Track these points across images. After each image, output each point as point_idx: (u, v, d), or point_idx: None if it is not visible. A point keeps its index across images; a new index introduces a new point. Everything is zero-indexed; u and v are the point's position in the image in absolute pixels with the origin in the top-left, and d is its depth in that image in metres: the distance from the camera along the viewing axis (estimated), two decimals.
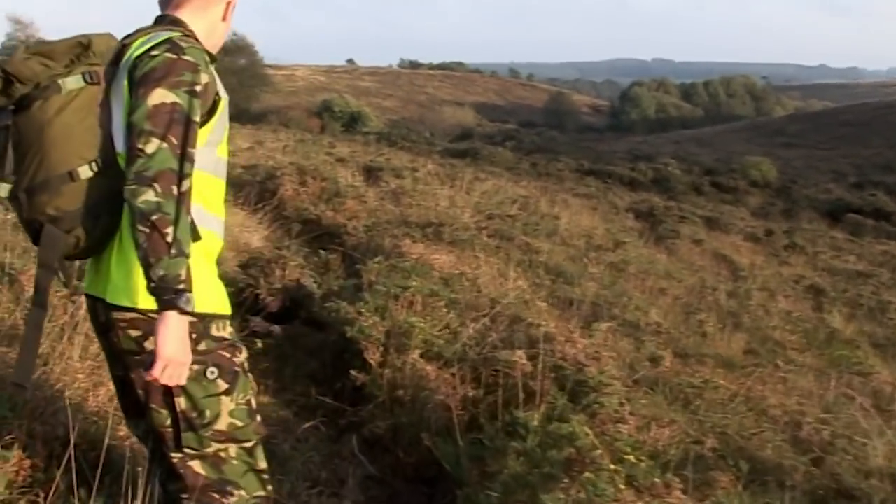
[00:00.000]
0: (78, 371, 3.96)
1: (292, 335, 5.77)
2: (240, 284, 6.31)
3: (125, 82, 2.29)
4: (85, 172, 2.31)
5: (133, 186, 2.16)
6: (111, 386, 3.93)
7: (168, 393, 2.34)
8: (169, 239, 2.14)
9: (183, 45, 2.29)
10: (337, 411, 4.71)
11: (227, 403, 2.40)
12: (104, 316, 2.40)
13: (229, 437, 2.43)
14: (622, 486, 3.23)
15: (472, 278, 6.89)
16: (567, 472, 3.59)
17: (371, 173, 14.57)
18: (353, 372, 4.60)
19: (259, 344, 5.49)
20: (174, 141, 2.19)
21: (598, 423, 4.14)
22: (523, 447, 3.77)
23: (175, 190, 2.17)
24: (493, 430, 4.05)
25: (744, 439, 4.79)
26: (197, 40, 2.38)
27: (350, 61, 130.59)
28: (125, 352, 2.40)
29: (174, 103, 2.21)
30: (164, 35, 2.31)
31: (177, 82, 2.23)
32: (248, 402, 2.47)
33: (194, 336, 2.29)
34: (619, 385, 4.56)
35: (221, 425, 2.40)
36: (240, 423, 2.43)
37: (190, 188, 2.22)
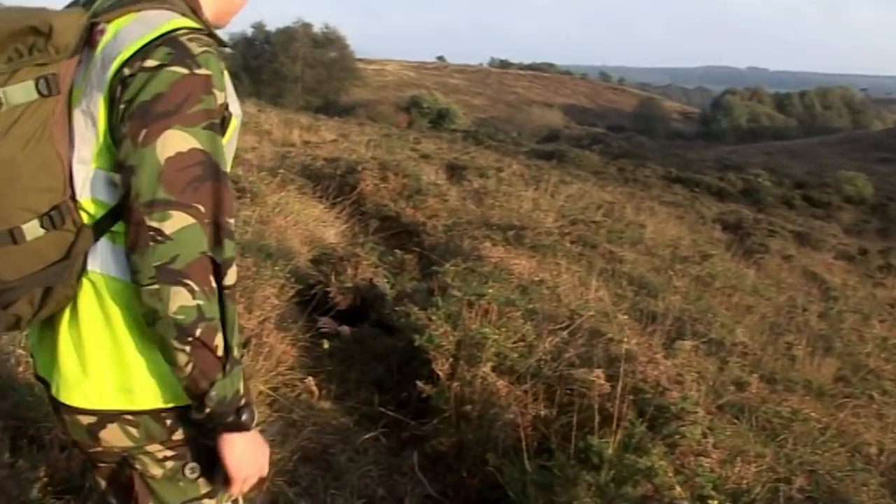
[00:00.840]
0: None
1: (360, 337, 5.58)
2: (310, 281, 6.15)
3: (102, 96, 1.58)
4: (33, 231, 1.57)
5: (156, 287, 1.53)
6: None
7: (133, 498, 1.75)
8: (220, 353, 1.58)
9: (192, 47, 1.58)
10: (399, 423, 4.50)
11: None
12: (48, 394, 1.76)
13: None
14: None
15: (552, 286, 6.64)
16: None
17: (455, 171, 14.37)
18: (419, 383, 4.38)
19: (326, 345, 5.32)
20: (202, 209, 1.55)
21: (678, 455, 3.86)
22: (596, 480, 3.50)
23: (214, 282, 1.58)
24: (564, 456, 3.78)
25: (836, 480, 4.44)
26: (200, 18, 1.70)
27: (440, 58, 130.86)
28: (76, 443, 1.77)
29: (195, 151, 1.55)
30: (162, 25, 1.59)
31: (193, 116, 1.55)
32: (233, 502, 1.84)
33: (168, 423, 1.70)
34: (702, 413, 4.27)
35: None
36: None
37: (236, 280, 1.63)
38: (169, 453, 1.71)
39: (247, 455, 1.69)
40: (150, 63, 1.54)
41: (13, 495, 2.58)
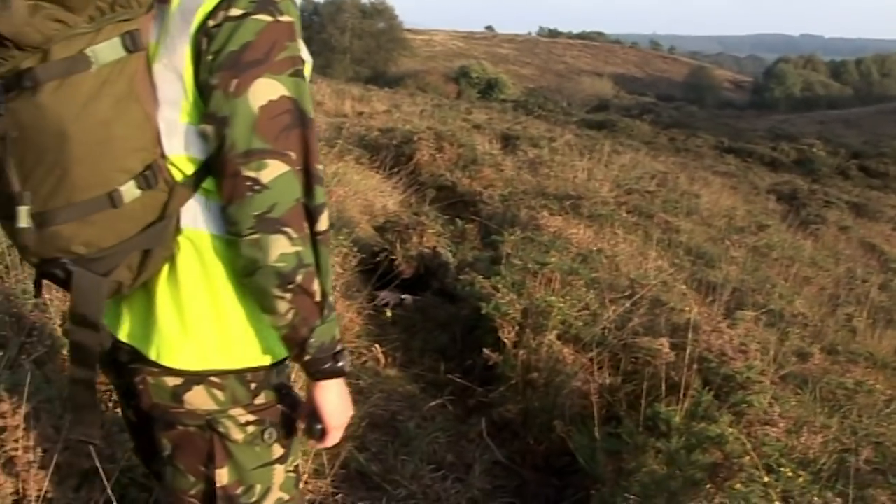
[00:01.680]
0: None
1: (422, 306, 5.63)
2: (374, 249, 6.21)
3: (187, 49, 1.54)
4: (130, 193, 1.53)
5: (256, 237, 1.53)
6: None
7: (210, 460, 1.73)
8: (318, 297, 1.59)
9: None
10: (465, 390, 4.55)
11: (279, 474, 1.80)
12: (127, 357, 1.71)
13: None
14: (777, 503, 2.95)
15: (611, 256, 6.63)
16: (712, 478, 3.33)
17: (508, 141, 14.34)
18: (485, 350, 4.42)
19: (388, 314, 5.38)
20: (293, 156, 1.55)
21: (744, 423, 3.86)
22: (666, 446, 3.52)
23: (307, 228, 1.58)
24: (632, 424, 3.81)
25: None
26: None
27: (489, 28, 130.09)
28: (153, 405, 1.72)
29: (284, 98, 1.53)
30: None
31: (281, 64, 1.54)
32: (297, 468, 1.88)
33: (252, 386, 1.71)
34: (767, 382, 4.27)
35: (269, 502, 1.80)
36: (287, 497, 1.82)
37: (328, 225, 1.64)
38: (251, 418, 1.72)
39: (341, 402, 1.73)
40: (234, 12, 1.51)
41: (105, 455, 2.65)
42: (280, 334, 1.64)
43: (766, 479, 3.12)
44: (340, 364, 1.67)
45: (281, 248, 1.53)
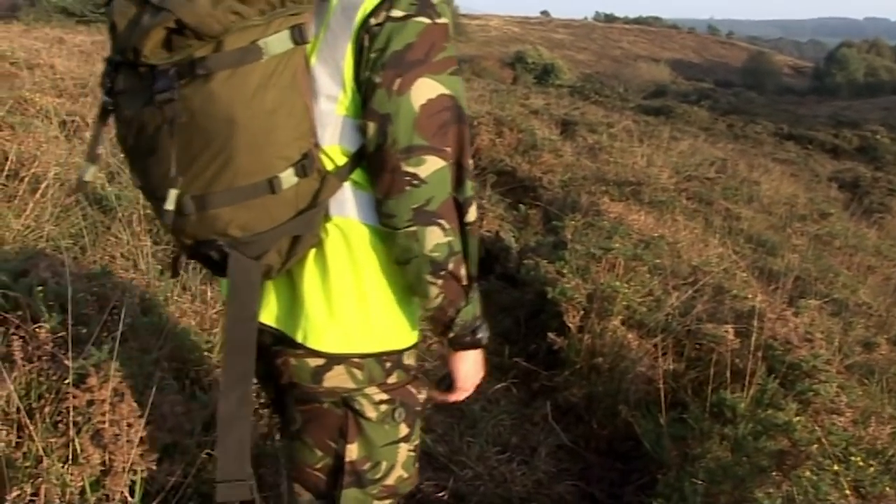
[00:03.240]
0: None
1: (485, 290, 5.65)
2: None
3: (349, 45, 1.61)
4: (288, 179, 1.60)
5: (413, 229, 1.62)
6: None
7: (341, 436, 1.84)
8: (465, 282, 1.71)
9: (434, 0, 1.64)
10: (530, 374, 4.58)
11: (403, 452, 1.89)
12: (271, 340, 1.79)
13: (393, 492, 1.92)
14: (847, 492, 2.94)
15: (672, 242, 6.60)
16: (779, 465, 3.33)
17: (566, 127, 14.27)
18: (550, 335, 4.44)
19: None
20: (449, 151, 1.63)
21: (811, 412, 3.85)
22: (732, 433, 3.52)
23: (458, 220, 1.68)
24: (697, 409, 3.81)
25: None
26: None
27: (544, 13, 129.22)
28: (293, 384, 1.83)
29: (443, 97, 1.61)
30: None
31: (440, 64, 1.62)
32: (417, 448, 1.96)
33: (387, 366, 1.80)
34: (833, 372, 4.24)
35: (391, 479, 1.89)
36: (406, 475, 1.92)
37: (475, 217, 1.72)
38: (384, 396, 1.81)
39: (474, 368, 1.87)
40: (396, 13, 1.59)
41: (185, 430, 2.73)
42: (427, 314, 1.76)
43: (836, 467, 3.11)
44: (479, 336, 1.80)
45: (435, 238, 1.64)
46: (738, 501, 3.20)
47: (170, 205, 1.58)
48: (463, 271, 1.71)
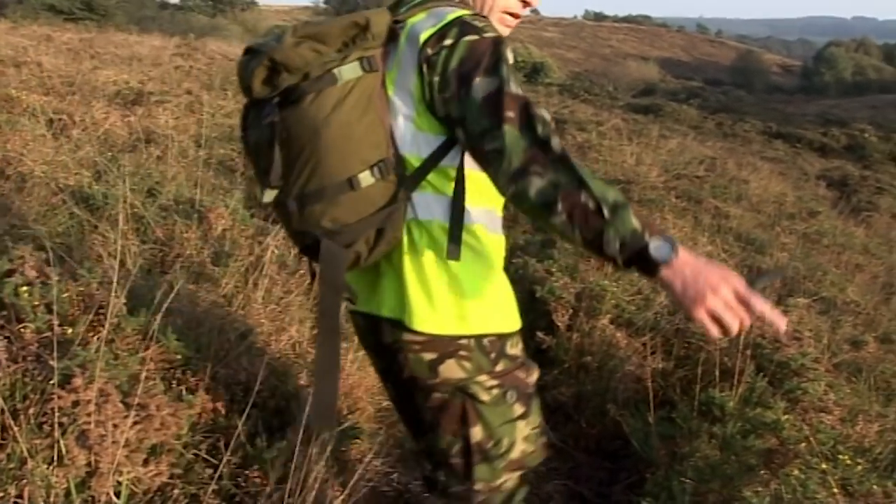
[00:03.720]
0: (261, 315, 3.94)
1: None
2: None
3: (414, 74, 1.95)
4: (366, 179, 1.95)
5: (514, 189, 1.82)
6: (293, 332, 3.93)
7: (464, 421, 2.13)
8: (591, 204, 1.75)
9: (476, 23, 1.95)
10: None
11: (522, 429, 2.17)
12: (391, 337, 2.11)
13: (520, 465, 2.21)
14: (835, 491, 2.95)
15: None
16: (767, 464, 3.34)
17: (555, 125, 14.26)
18: (539, 334, 4.44)
19: None
20: (513, 115, 1.83)
21: (799, 411, 3.85)
22: (720, 432, 3.52)
23: (546, 159, 1.80)
24: (686, 408, 3.81)
25: None
26: (486, 19, 2.03)
27: (534, 11, 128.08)
28: (414, 378, 2.13)
29: (496, 82, 1.87)
30: (448, 15, 1.98)
31: (491, 65, 1.89)
32: (540, 424, 2.25)
33: (492, 356, 2.08)
34: (821, 370, 4.25)
35: (515, 454, 2.18)
36: (531, 449, 2.21)
37: (562, 143, 1.84)
38: (494, 382, 2.10)
39: (685, 284, 1.74)
40: (447, 42, 1.92)
41: (172, 430, 2.71)
42: (589, 251, 1.83)
43: (824, 466, 3.11)
44: (653, 252, 1.74)
45: (535, 186, 1.79)
46: (726, 500, 3.21)
47: (267, 199, 2.04)
48: (581, 198, 1.76)
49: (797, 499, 2.95)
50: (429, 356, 2.06)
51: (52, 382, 2.52)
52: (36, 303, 2.93)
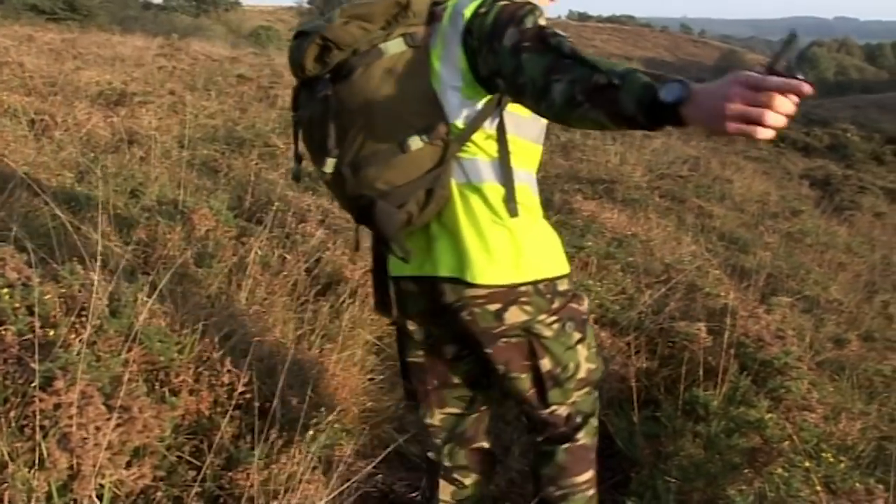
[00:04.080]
0: (245, 316, 3.93)
1: None
2: None
3: (459, 47, 2.10)
4: (415, 143, 2.13)
5: (547, 104, 1.90)
6: (277, 333, 3.91)
7: (532, 356, 2.37)
8: (603, 80, 1.79)
9: None
10: None
11: (582, 351, 2.45)
12: (453, 296, 2.29)
13: (588, 382, 2.50)
14: (818, 488, 2.96)
15: (645, 241, 6.63)
16: (751, 462, 3.35)
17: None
18: None
19: None
20: (529, 43, 1.95)
21: (783, 409, 3.87)
22: (705, 431, 3.53)
23: (562, 63, 1.88)
24: (670, 407, 3.82)
25: None
26: None
27: None
28: (481, 330, 2.32)
29: (523, 26, 1.98)
30: None
31: (521, 17, 2.00)
32: (594, 344, 2.54)
33: (548, 297, 2.32)
34: (804, 368, 4.26)
35: (581, 373, 2.46)
36: (593, 366, 2.51)
37: (572, 45, 1.93)
38: (553, 318, 2.34)
39: (704, 106, 1.65)
40: (483, 10, 2.06)
41: (155, 432, 2.70)
42: (621, 127, 1.84)
43: (807, 464, 3.13)
44: (668, 97, 1.68)
45: (558, 90, 1.86)
46: (710, 499, 3.22)
47: (328, 168, 2.23)
48: (594, 79, 1.80)
49: (781, 497, 2.96)
50: (494, 307, 2.27)
51: (33, 385, 2.50)
52: (17, 305, 2.92)
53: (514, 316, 2.28)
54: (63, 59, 12.78)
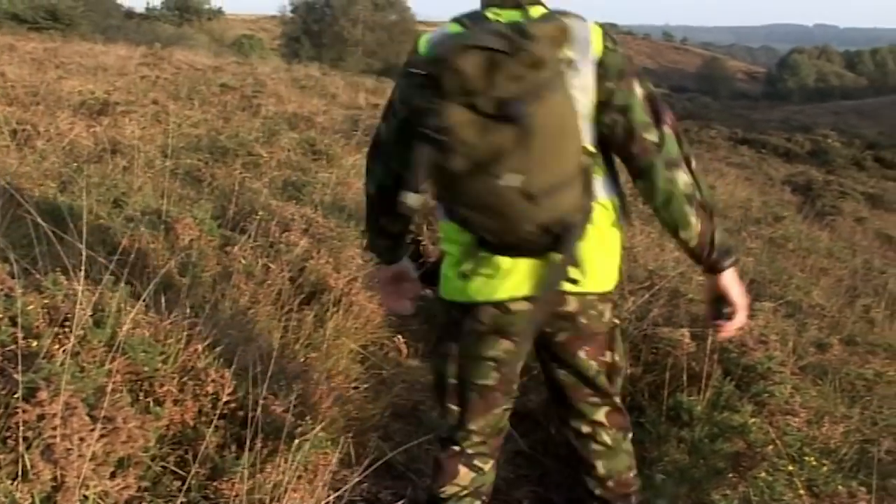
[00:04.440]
0: (228, 325, 3.92)
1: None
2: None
3: (591, 74, 2.27)
4: (585, 163, 2.25)
5: (670, 175, 2.30)
6: (261, 343, 3.91)
7: (608, 348, 2.58)
8: (710, 211, 2.36)
9: (612, 36, 2.36)
10: None
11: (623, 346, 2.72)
12: (573, 305, 2.44)
13: (623, 370, 2.72)
14: (801, 492, 2.98)
15: (628, 247, 6.63)
16: (735, 467, 3.37)
17: None
18: None
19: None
20: (671, 122, 2.32)
21: (766, 414, 3.89)
22: (689, 436, 3.55)
23: (690, 168, 2.32)
24: (654, 413, 3.83)
25: None
26: None
27: None
28: (591, 332, 2.51)
29: (649, 88, 2.33)
30: (592, 24, 2.34)
31: (640, 73, 2.35)
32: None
33: (611, 305, 2.56)
34: (787, 373, 4.29)
35: (622, 362, 2.68)
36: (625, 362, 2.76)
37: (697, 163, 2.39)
38: (614, 313, 2.60)
39: (741, 286, 2.50)
40: (609, 45, 2.30)
41: (140, 443, 2.69)
42: (691, 245, 2.41)
43: (790, 467, 3.15)
44: (734, 257, 2.45)
45: (683, 180, 2.31)
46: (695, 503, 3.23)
47: (515, 182, 2.09)
48: (706, 201, 2.35)
49: (764, 500, 2.98)
50: (603, 308, 2.50)
51: (16, 396, 2.49)
52: (0, 315, 2.90)
53: (610, 315, 2.55)
54: (45, 68, 12.74)
